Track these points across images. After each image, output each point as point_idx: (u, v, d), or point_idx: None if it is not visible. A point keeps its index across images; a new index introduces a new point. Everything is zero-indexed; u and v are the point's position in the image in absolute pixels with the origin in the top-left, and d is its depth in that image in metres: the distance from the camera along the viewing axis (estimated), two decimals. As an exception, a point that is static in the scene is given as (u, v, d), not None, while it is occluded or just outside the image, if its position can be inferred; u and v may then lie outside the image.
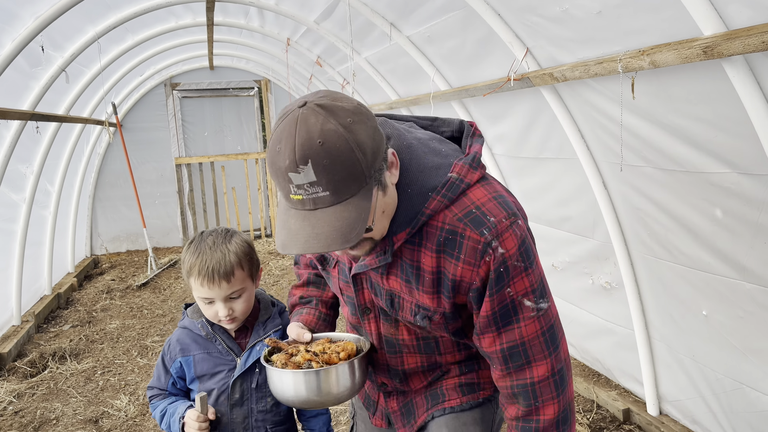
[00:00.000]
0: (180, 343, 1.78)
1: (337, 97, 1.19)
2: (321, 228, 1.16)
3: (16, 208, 5.12)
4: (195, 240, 1.71)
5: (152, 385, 1.84)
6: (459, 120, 1.47)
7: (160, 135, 8.35)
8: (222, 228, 1.76)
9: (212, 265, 1.63)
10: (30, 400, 3.91)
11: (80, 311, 5.83)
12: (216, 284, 1.63)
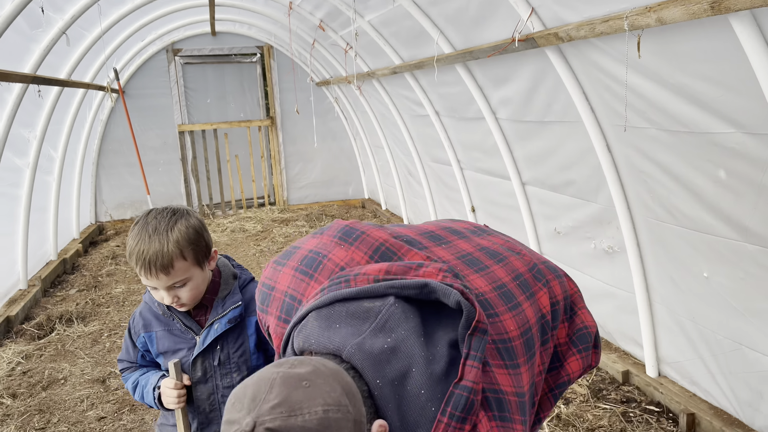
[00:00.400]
0: (143, 318, 1.74)
1: (296, 407, 0.89)
2: None
3: (20, 173, 5.13)
4: (140, 222, 1.59)
5: (122, 358, 1.81)
6: (457, 298, 1.07)
7: (163, 102, 8.31)
8: (170, 209, 1.62)
9: (149, 257, 1.52)
10: (38, 361, 3.98)
11: (86, 276, 5.89)
12: (154, 276, 1.54)
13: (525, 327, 1.20)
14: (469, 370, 1.01)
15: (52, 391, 3.57)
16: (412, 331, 1.05)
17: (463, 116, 4.46)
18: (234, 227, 7.78)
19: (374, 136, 7.46)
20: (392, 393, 1.01)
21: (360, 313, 1.08)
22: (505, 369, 1.11)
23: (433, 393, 1.01)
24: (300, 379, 0.92)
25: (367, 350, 1.03)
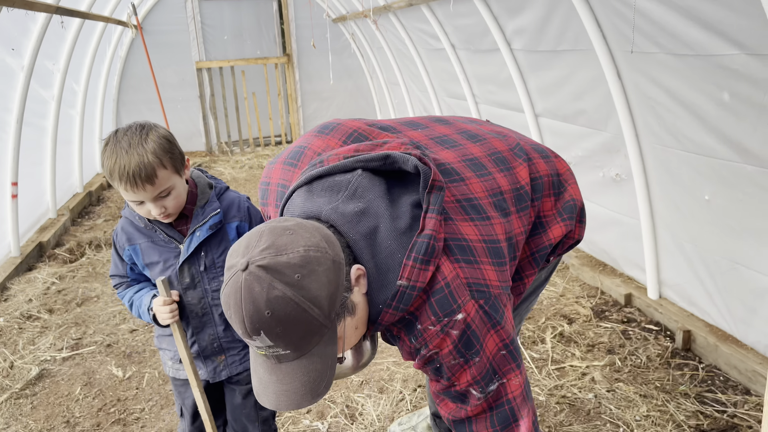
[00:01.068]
0: (125, 232, 1.77)
1: (281, 248, 1.08)
2: (289, 383, 1.13)
3: (46, 105, 5.27)
4: (110, 141, 1.60)
5: (113, 274, 1.85)
6: (414, 162, 1.26)
7: (180, 38, 8.33)
8: (136, 124, 1.64)
9: (132, 170, 1.54)
10: (71, 281, 4.22)
11: (111, 207, 6.11)
12: (141, 188, 1.57)
13: (495, 191, 1.37)
14: (429, 221, 1.19)
15: (86, 307, 3.81)
16: (378, 196, 1.24)
17: (479, 48, 4.49)
18: (252, 164, 7.92)
19: (390, 73, 7.47)
20: (366, 245, 1.20)
21: (333, 185, 1.27)
22: (471, 222, 1.28)
23: (399, 244, 1.19)
24: (285, 229, 1.11)
25: (341, 212, 1.22)
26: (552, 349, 3.03)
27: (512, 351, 1.25)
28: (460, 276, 1.21)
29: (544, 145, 1.61)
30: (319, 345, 1.12)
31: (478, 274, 1.23)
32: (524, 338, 3.15)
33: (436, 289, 1.20)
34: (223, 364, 1.84)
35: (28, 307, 3.78)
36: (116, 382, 2.95)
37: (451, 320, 1.19)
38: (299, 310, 1.06)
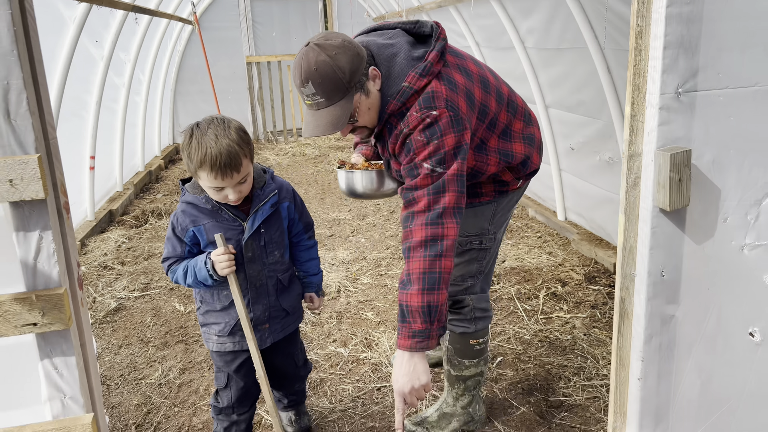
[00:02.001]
0: (188, 215, 1.90)
1: (329, 37, 1.79)
2: (320, 121, 1.82)
3: (118, 91, 6.02)
4: (194, 133, 1.78)
5: (168, 256, 1.97)
6: (431, 24, 1.96)
7: (233, 34, 9.06)
8: (215, 117, 1.82)
9: (223, 160, 1.73)
10: (138, 241, 4.92)
11: (169, 185, 6.83)
12: (228, 176, 1.75)
13: (484, 79, 1.99)
14: (431, 54, 1.86)
15: (151, 261, 4.49)
16: (404, 41, 1.93)
17: (498, 46, 5.00)
18: (294, 151, 8.57)
19: (424, 70, 8.01)
20: (386, 62, 1.89)
21: (379, 34, 2.01)
22: (461, 75, 1.91)
23: (408, 64, 1.87)
24: (334, 33, 1.84)
25: (375, 42, 1.93)
26: (543, 304, 3.54)
27: (460, 152, 1.82)
28: (443, 92, 1.83)
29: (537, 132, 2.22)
30: (341, 101, 1.79)
31: (455, 98, 1.85)
32: (520, 294, 3.67)
33: (425, 93, 1.83)
34: (268, 332, 2.06)
35: (104, 260, 4.48)
36: (179, 315, 3.59)
37: (428, 113, 1.80)
38: (332, 71, 1.75)
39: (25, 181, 1.08)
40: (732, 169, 1.38)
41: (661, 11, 1.27)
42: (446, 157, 1.81)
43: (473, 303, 2.23)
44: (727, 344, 1.50)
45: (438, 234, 1.80)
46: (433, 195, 1.81)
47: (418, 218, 1.82)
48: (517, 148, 2.08)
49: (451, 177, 1.81)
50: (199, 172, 1.77)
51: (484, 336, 2.30)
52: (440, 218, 1.80)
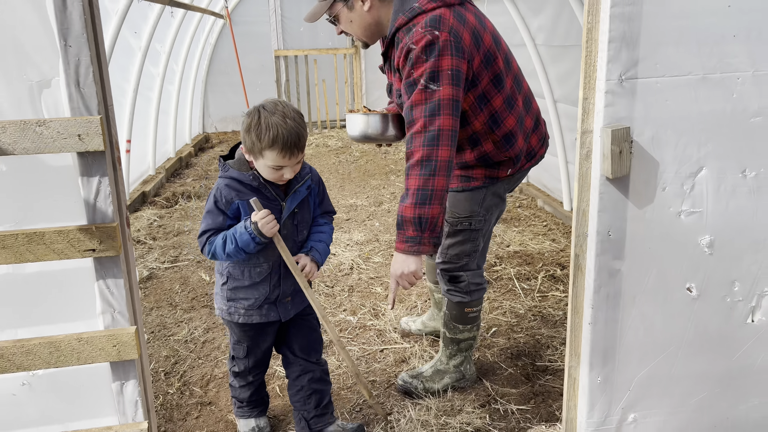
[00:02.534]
0: (232, 189, 1.96)
1: None
2: (310, 10, 2.29)
3: (153, 80, 6.40)
4: (262, 114, 1.84)
5: (207, 229, 2.00)
6: None
7: (262, 29, 9.41)
8: (276, 101, 1.90)
9: (293, 140, 1.82)
10: (169, 220, 5.28)
11: (198, 170, 7.21)
12: (295, 155, 1.86)
13: (495, 37, 2.26)
14: None
15: (180, 237, 4.84)
16: None
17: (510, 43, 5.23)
18: (318, 143, 8.90)
19: (445, 66, 8.26)
20: None
21: None
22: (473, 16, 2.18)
23: None
24: None
25: None
26: (540, 284, 3.79)
27: (455, 77, 2.04)
28: (449, 20, 2.06)
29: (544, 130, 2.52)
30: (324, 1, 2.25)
31: (460, 29, 2.07)
32: (519, 275, 3.92)
33: (432, 14, 2.07)
34: (291, 305, 2.16)
35: (137, 235, 4.85)
36: (204, 284, 3.93)
37: (432, 31, 2.03)
38: None
39: (89, 136, 1.39)
40: (669, 146, 1.64)
41: (607, 11, 1.54)
42: (441, 76, 2.02)
43: (469, 279, 2.51)
44: (667, 297, 1.76)
45: (432, 155, 2.04)
46: (429, 117, 2.04)
47: (416, 139, 2.06)
48: (509, 121, 2.28)
49: (446, 101, 2.03)
50: (265, 152, 1.84)
51: (478, 305, 2.58)
52: (435, 140, 2.03)
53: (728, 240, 1.72)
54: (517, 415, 2.53)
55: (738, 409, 1.88)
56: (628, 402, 1.84)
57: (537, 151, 2.49)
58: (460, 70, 2.08)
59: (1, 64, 1.39)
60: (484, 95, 2.22)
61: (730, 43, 1.58)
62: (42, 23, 1.38)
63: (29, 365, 1.48)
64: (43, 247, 1.42)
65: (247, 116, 1.90)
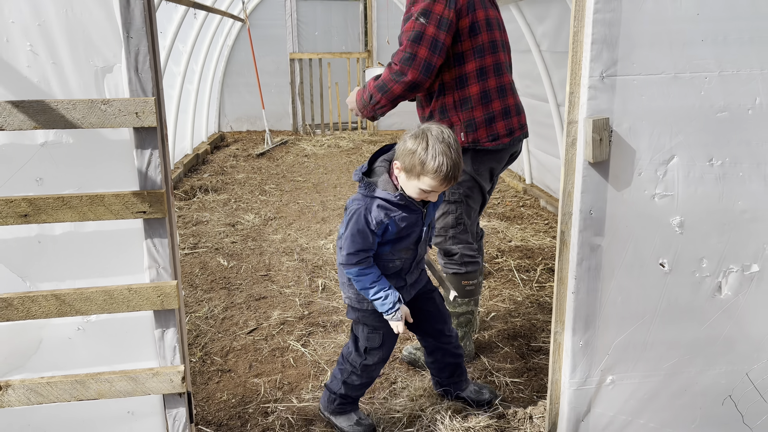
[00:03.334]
0: (382, 209, 2.06)
1: None
2: None
3: (174, 78, 6.69)
4: (430, 141, 1.93)
5: (359, 249, 2.07)
6: None
7: (278, 32, 9.71)
8: (441, 128, 1.97)
9: (453, 172, 1.94)
10: (188, 211, 5.55)
11: (215, 166, 7.49)
12: (449, 184, 1.99)
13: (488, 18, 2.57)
14: None
15: (199, 227, 5.10)
16: None
17: (517, 49, 5.48)
18: (330, 143, 9.16)
19: (455, 71, 8.51)
20: None
21: None
22: None
23: None
24: None
25: None
26: (539, 276, 4.01)
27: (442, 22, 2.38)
28: None
29: None
30: None
31: None
32: (520, 267, 4.14)
33: None
34: (412, 288, 2.33)
35: (158, 224, 5.11)
36: (222, 268, 4.18)
37: None
38: None
39: (145, 114, 1.64)
40: (644, 136, 1.87)
41: (590, 17, 1.77)
42: (431, 15, 2.39)
43: (461, 251, 2.74)
44: (642, 271, 1.98)
45: (403, 71, 2.42)
46: (411, 42, 2.40)
47: (397, 55, 2.44)
48: (473, 89, 2.57)
49: (428, 36, 2.39)
50: (424, 177, 1.95)
51: (474, 279, 2.81)
52: (409, 62, 2.40)
53: (697, 221, 1.94)
54: (510, 387, 2.75)
55: (706, 375, 2.10)
56: (606, 365, 2.06)
57: (500, 136, 2.65)
58: (449, 19, 2.43)
59: (73, 52, 1.64)
60: (461, 56, 2.55)
61: (698, 46, 1.81)
62: (107, 18, 1.63)
63: (87, 310, 1.73)
64: (102, 208, 1.67)
65: (412, 138, 1.97)
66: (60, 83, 1.65)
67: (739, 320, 2.05)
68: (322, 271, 4.10)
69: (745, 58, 1.83)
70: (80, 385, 1.77)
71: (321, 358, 3.01)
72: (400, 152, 2.02)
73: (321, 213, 5.51)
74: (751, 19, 1.80)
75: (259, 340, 3.20)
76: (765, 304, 2.04)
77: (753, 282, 2.01)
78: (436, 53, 2.41)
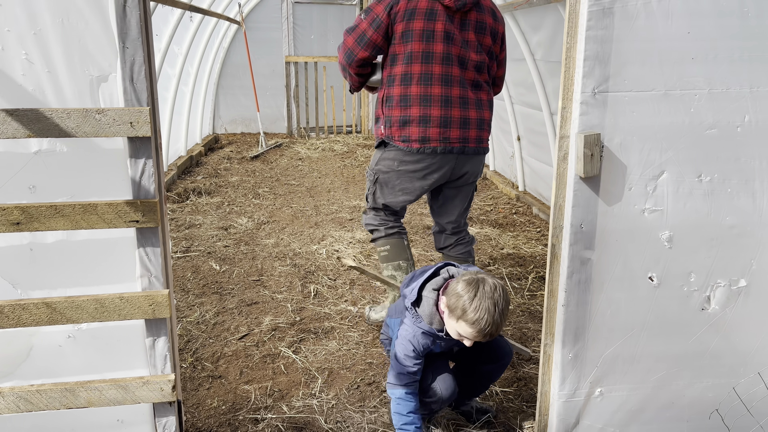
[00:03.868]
0: (427, 337, 2.22)
1: None
2: None
3: (169, 80, 6.68)
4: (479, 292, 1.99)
5: (411, 373, 2.21)
6: None
7: (274, 35, 9.72)
8: (498, 285, 2.03)
9: (491, 330, 2.00)
10: (181, 214, 5.54)
11: (208, 168, 7.48)
12: (486, 338, 2.06)
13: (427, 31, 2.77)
14: None
15: (192, 230, 5.10)
16: None
17: (513, 57, 5.50)
18: (324, 147, 9.17)
19: (450, 77, 8.54)
20: None
21: None
22: None
23: None
24: None
25: None
26: (531, 284, 4.03)
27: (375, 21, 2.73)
28: None
29: None
30: None
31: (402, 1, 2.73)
32: (511, 275, 4.16)
33: None
34: None
35: (151, 226, 5.10)
36: (214, 273, 4.18)
37: None
38: None
39: (140, 123, 1.64)
40: (635, 151, 1.89)
41: (583, 33, 1.79)
42: (370, 13, 2.77)
43: (365, 219, 3.21)
44: (631, 285, 2.00)
45: (338, 54, 2.97)
46: (347, 30, 2.85)
47: None
48: (395, 90, 2.81)
49: (360, 30, 2.79)
50: (463, 324, 2.01)
51: (379, 246, 3.18)
52: (340, 46, 2.91)
53: (686, 236, 1.97)
54: (500, 396, 2.76)
55: (693, 388, 2.12)
56: (595, 377, 2.08)
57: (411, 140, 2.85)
58: (382, 20, 2.74)
59: (68, 61, 1.65)
60: (395, 58, 2.81)
61: (688, 64, 1.83)
62: (103, 28, 1.64)
63: (77, 318, 1.73)
64: (95, 217, 1.68)
65: (465, 284, 2.03)
66: (55, 92, 1.66)
67: (727, 334, 2.07)
68: (314, 277, 4.11)
69: (734, 77, 1.85)
70: (70, 393, 1.77)
71: (312, 365, 3.01)
72: (450, 291, 2.09)
73: (314, 217, 5.52)
74: (741, 39, 1.82)
75: (251, 346, 3.20)
76: (752, 318, 2.06)
77: (740, 297, 2.03)
78: (360, 46, 2.80)
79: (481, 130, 2.89)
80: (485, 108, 2.90)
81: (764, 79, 1.86)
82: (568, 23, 1.83)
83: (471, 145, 2.88)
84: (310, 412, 2.64)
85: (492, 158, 7.04)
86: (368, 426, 2.54)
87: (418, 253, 4.58)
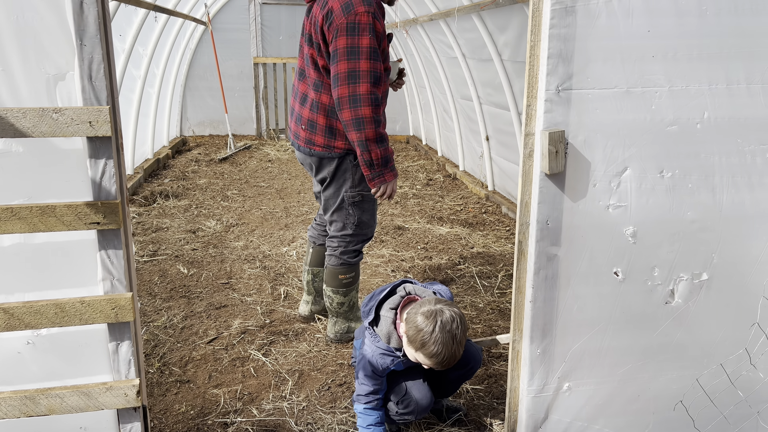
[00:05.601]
0: (386, 356, 2.25)
1: None
2: None
3: (134, 82, 6.56)
4: (437, 325, 2.02)
5: (369, 392, 2.28)
6: None
7: (242, 36, 9.62)
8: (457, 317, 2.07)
9: (449, 361, 2.06)
10: (147, 218, 5.44)
11: (176, 171, 7.37)
12: (444, 368, 2.11)
13: None
14: None
15: (159, 234, 5.01)
16: None
17: (480, 57, 5.55)
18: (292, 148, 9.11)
19: (419, 78, 8.57)
20: None
21: None
22: None
23: None
24: None
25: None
26: (500, 282, 4.06)
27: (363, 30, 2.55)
28: None
29: None
30: None
31: None
32: (481, 273, 4.19)
33: None
34: None
35: (116, 230, 5.00)
36: (183, 276, 4.11)
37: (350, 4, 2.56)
38: None
39: (99, 123, 1.60)
40: (599, 148, 1.91)
41: (546, 31, 1.81)
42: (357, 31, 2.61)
43: None
44: (597, 280, 2.03)
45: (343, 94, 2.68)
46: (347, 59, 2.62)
47: None
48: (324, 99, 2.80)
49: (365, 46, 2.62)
50: (421, 354, 2.07)
51: None
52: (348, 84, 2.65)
53: (649, 231, 2.00)
54: (471, 393, 2.77)
55: (658, 380, 2.16)
56: (563, 372, 2.10)
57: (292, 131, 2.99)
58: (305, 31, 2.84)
59: (23, 59, 1.60)
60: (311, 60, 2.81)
61: (649, 62, 1.86)
62: (60, 25, 1.60)
63: (37, 323, 1.68)
64: (54, 219, 1.63)
65: (423, 316, 2.06)
66: (10, 91, 1.61)
67: (690, 327, 2.11)
68: (284, 279, 4.07)
69: (693, 74, 1.89)
70: (30, 401, 1.72)
71: (282, 367, 2.98)
72: (410, 321, 2.11)
73: (284, 219, 5.48)
74: (699, 37, 1.86)
75: (219, 350, 3.15)
76: (714, 311, 2.10)
77: (702, 290, 2.08)
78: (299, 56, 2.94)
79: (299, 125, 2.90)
80: (308, 106, 2.81)
81: (722, 76, 1.91)
82: (531, 21, 1.85)
83: (297, 143, 2.94)
84: (280, 415, 2.61)
85: (461, 158, 7.08)
86: (339, 427, 2.52)
87: (389, 253, 4.58)
